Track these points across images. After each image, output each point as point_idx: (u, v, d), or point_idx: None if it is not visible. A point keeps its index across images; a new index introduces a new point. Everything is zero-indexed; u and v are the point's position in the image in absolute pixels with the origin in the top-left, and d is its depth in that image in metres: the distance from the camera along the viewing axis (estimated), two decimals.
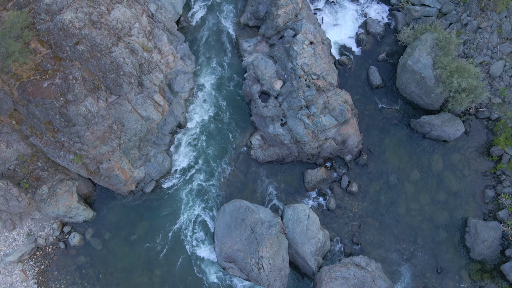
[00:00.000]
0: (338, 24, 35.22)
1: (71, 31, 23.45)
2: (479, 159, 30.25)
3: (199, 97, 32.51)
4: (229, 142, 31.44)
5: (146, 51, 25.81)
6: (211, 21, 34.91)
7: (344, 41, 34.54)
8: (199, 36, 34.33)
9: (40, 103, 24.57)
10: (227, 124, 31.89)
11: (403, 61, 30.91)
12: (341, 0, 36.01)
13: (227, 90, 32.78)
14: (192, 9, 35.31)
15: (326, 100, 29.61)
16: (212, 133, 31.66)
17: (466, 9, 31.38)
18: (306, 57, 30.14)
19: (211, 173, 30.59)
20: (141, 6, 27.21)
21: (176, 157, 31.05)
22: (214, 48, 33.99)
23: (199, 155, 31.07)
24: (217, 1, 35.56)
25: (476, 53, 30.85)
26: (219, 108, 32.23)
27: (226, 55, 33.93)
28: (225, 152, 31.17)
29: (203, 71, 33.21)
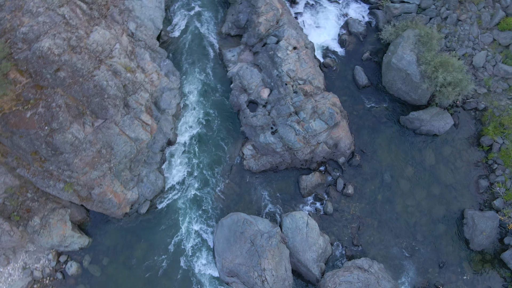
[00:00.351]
0: (320, 26, 35.21)
1: (50, 58, 22.90)
2: (470, 150, 30.50)
3: (187, 111, 32.13)
4: (221, 154, 31.12)
5: (129, 71, 25.36)
6: (192, 33, 34.58)
7: (327, 43, 34.53)
8: (181, 49, 33.97)
9: (24, 134, 23.93)
10: (217, 136, 31.57)
11: (387, 59, 31.02)
12: (320, 2, 36.04)
13: (214, 102, 32.47)
14: (172, 22, 34.96)
15: (315, 104, 29.51)
16: (203, 146, 31.31)
17: (445, 2, 31.63)
18: (291, 63, 30.03)
19: (206, 187, 30.23)
20: (120, 26, 26.75)
21: (168, 174, 30.62)
22: (197, 60, 33.65)
23: (192, 171, 30.68)
24: (196, 12, 35.26)
25: (458, 46, 31.12)
26: (208, 121, 31.90)
27: (210, 66, 33.61)
28: (218, 165, 30.84)
29: (189, 84, 32.84)
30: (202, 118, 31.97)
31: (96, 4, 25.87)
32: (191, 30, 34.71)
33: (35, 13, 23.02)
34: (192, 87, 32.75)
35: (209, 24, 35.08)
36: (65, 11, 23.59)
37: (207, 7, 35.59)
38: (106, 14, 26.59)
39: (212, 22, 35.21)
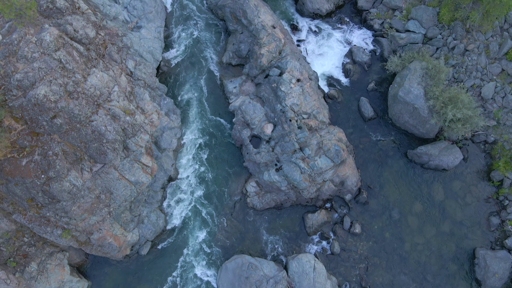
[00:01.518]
0: (323, 54, 34.38)
1: (46, 105, 21.99)
2: (480, 185, 29.64)
3: (188, 145, 31.25)
4: (223, 190, 30.22)
5: (129, 114, 24.47)
6: (192, 63, 33.74)
7: (331, 71, 33.70)
8: (181, 80, 33.12)
9: (20, 182, 23.00)
10: (220, 172, 30.67)
11: (394, 91, 30.17)
12: (323, 28, 35.22)
13: (216, 135, 31.60)
14: (172, 51, 34.10)
15: (320, 140, 28.64)
16: (205, 182, 30.41)
17: (452, 32, 30.81)
18: (294, 97, 29.18)
19: (209, 225, 29.31)
20: (118, 66, 25.87)
21: (170, 212, 29.69)
22: (198, 91, 32.80)
23: (194, 208, 29.77)
24: (196, 41, 34.41)
25: (466, 77, 30.28)
26: (209, 155, 31.02)
27: (212, 98, 32.74)
28: (220, 202, 29.93)
29: (190, 117, 31.97)
30: (203, 152, 31.08)
31: (93, 44, 25.00)
32: (191, 60, 33.86)
33: (30, 58, 22.13)
34: (193, 120, 31.89)
35: (210, 54, 34.23)
36: (61, 55, 22.69)
37: (207, 36, 34.76)
38: (104, 53, 25.71)
39: (212, 51, 34.37)
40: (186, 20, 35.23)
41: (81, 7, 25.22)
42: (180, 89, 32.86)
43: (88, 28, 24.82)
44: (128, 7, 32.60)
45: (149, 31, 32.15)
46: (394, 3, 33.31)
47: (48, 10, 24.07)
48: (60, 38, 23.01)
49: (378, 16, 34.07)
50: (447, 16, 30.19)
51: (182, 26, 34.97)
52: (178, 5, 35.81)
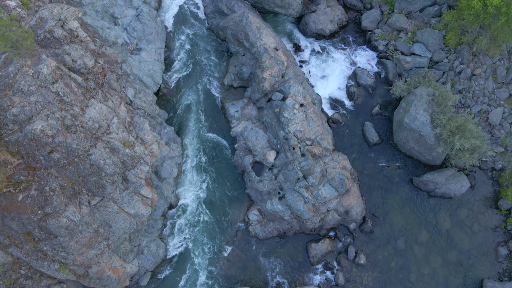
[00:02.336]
0: (327, 76, 33.75)
1: (43, 140, 21.34)
2: (487, 213, 28.99)
3: (189, 171, 30.60)
4: (225, 218, 29.56)
5: (128, 146, 23.82)
6: (193, 85, 33.12)
7: (335, 94, 33.06)
8: (182, 103, 32.50)
9: (16, 217, 22.37)
10: (221, 198, 30.03)
11: (399, 116, 29.53)
12: (327, 49, 34.59)
13: (217, 160, 30.95)
14: (172, 72, 33.48)
15: (324, 168, 28.00)
16: (206, 209, 29.75)
17: (458, 56, 30.18)
18: (298, 123, 28.53)
19: (210, 254, 28.64)
20: (118, 95, 25.23)
21: (170, 240, 29.02)
22: (199, 114, 32.17)
23: (195, 236, 29.11)
24: (197, 62, 33.80)
25: (473, 102, 29.64)
26: (211, 181, 30.37)
27: (213, 121, 32.11)
28: (222, 230, 29.27)
29: (190, 141, 31.33)
30: (204, 178, 30.44)
31: (92, 73, 24.36)
32: (192, 81, 33.25)
33: (26, 92, 21.48)
34: (194, 144, 31.25)
35: (211, 75, 33.61)
36: (59, 87, 22.05)
37: (208, 57, 34.13)
38: (103, 82, 25.08)
39: (213, 72, 33.74)
40: (187, 40, 34.62)
41: (79, 35, 24.59)
42: (181, 112, 32.22)
43: (87, 57, 24.18)
44: (128, 29, 32.00)
45: (149, 54, 31.54)
46: (399, 24, 32.68)
47: (45, 40, 23.45)
48: (57, 70, 22.37)
49: (383, 37, 33.45)
50: (453, 40, 29.57)
51: (182, 47, 34.36)
52: (178, 25, 35.21)
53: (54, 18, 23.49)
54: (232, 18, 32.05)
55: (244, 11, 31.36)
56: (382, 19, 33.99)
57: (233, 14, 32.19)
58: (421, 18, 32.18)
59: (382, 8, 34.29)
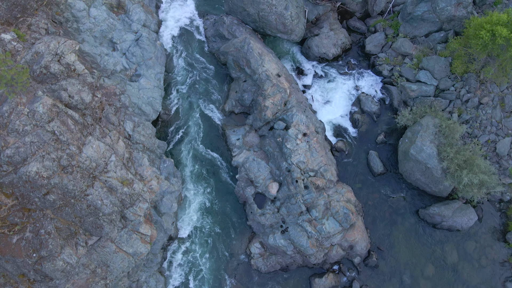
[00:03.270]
0: (330, 101, 33.05)
1: (38, 182, 20.62)
2: (495, 247, 28.24)
3: (189, 201, 29.87)
4: (226, 250, 28.82)
5: (126, 185, 23.11)
6: (194, 110, 32.45)
7: (338, 120, 32.34)
8: (182, 128, 31.81)
9: (11, 260, 21.63)
10: (223, 229, 29.29)
11: (405, 146, 28.81)
12: (330, 73, 33.91)
13: (218, 190, 30.22)
14: (172, 98, 32.81)
15: (328, 200, 27.28)
16: (207, 240, 29.02)
17: (465, 84, 29.47)
18: (301, 154, 27.84)
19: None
20: (116, 130, 24.51)
21: (170, 274, 28.27)
22: (199, 141, 31.46)
23: (196, 269, 28.37)
24: (198, 87, 33.14)
25: (480, 132, 28.90)
26: (211, 211, 29.65)
27: (214, 149, 31.40)
28: (223, 262, 28.54)
29: (191, 169, 30.62)
30: (205, 207, 29.71)
31: (89, 108, 23.66)
32: (192, 107, 32.57)
33: (21, 132, 20.78)
34: (194, 172, 30.54)
35: (212, 100, 32.92)
36: (55, 126, 21.33)
37: (209, 81, 33.45)
38: (101, 116, 24.37)
39: (214, 97, 33.06)
40: (187, 64, 33.96)
41: (77, 69, 23.89)
42: (180, 139, 31.53)
43: (84, 92, 23.47)
44: (127, 54, 31.32)
45: (149, 80, 30.85)
46: (403, 49, 31.99)
47: (41, 75, 22.75)
48: (53, 107, 21.66)
49: (387, 61, 32.76)
50: (460, 68, 28.87)
51: (183, 71, 33.71)
52: (178, 48, 34.56)
53: (51, 53, 22.80)
54: (233, 44, 31.37)
55: (246, 37, 30.68)
56: (386, 43, 33.32)
57: (235, 40, 31.51)
58: (426, 44, 31.50)
59: (387, 32, 33.61)
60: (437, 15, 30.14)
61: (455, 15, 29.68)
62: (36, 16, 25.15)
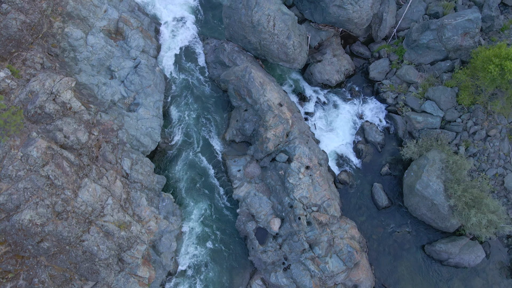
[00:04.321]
0: (333, 129, 32.30)
1: (32, 230, 19.90)
2: (503, 284, 27.44)
3: (188, 234, 29.08)
4: (227, 285, 28.01)
5: (124, 229, 22.35)
6: (193, 139, 31.69)
7: (342, 149, 31.58)
8: (181, 158, 31.04)
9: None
10: (223, 264, 28.49)
11: (410, 180, 28.02)
12: (333, 100, 33.16)
13: (218, 222, 29.44)
14: (171, 126, 32.06)
15: (331, 237, 26.51)
16: (207, 275, 28.21)
17: (472, 115, 28.71)
18: (303, 188, 27.08)
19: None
20: (113, 169, 23.76)
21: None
22: (198, 172, 30.71)
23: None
24: (197, 114, 32.40)
25: (488, 165, 28.14)
26: (212, 246, 28.84)
27: (214, 179, 30.63)
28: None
29: (190, 202, 29.85)
30: (205, 242, 28.92)
31: (86, 148, 22.91)
32: (192, 134, 31.82)
33: (14, 178, 20.06)
34: (193, 205, 29.76)
35: (212, 128, 32.17)
36: (50, 170, 20.60)
37: (209, 108, 32.71)
38: (98, 155, 23.63)
39: (214, 125, 32.31)
40: (187, 90, 33.23)
41: (73, 107, 23.16)
42: (179, 169, 30.76)
43: (80, 131, 22.73)
44: (125, 82, 30.59)
45: (148, 109, 30.12)
46: (408, 77, 31.24)
47: (36, 115, 22.02)
48: (48, 150, 20.94)
49: (392, 88, 32.02)
50: (467, 100, 28.12)
51: (182, 97, 32.97)
52: (178, 73, 33.84)
53: (46, 92, 22.07)
54: (234, 72, 30.64)
55: (247, 65, 29.94)
56: (390, 70, 32.58)
57: (235, 68, 30.78)
58: (432, 72, 30.75)
59: (391, 58, 32.87)
60: (443, 44, 29.40)
61: (461, 45, 28.94)
62: (31, 50, 24.44)
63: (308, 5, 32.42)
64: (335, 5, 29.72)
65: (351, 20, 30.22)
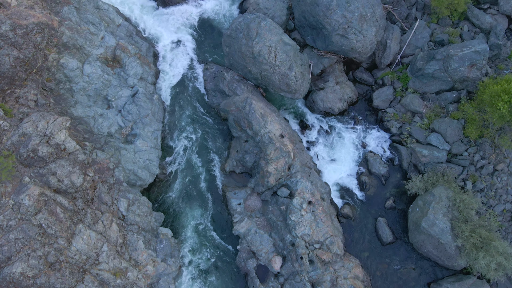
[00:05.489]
0: (336, 159, 31.49)
1: (23, 283, 19.08)
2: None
3: (187, 269, 28.26)
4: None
5: (120, 276, 21.55)
6: (192, 169, 30.88)
7: (345, 181, 30.76)
8: (179, 189, 30.23)
9: None
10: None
11: (416, 216, 27.20)
12: (335, 128, 32.36)
13: (218, 257, 28.58)
14: (169, 155, 31.26)
15: (334, 276, 25.70)
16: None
17: (479, 149, 27.91)
18: (306, 226, 26.32)
19: None
20: (109, 210, 22.94)
21: None
22: (197, 204, 29.89)
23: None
24: (196, 142, 31.60)
25: (495, 201, 27.33)
26: (211, 280, 28.02)
27: (213, 212, 29.80)
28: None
29: (188, 235, 29.02)
30: (204, 277, 28.08)
31: (80, 191, 22.10)
32: (191, 164, 31.02)
33: (5, 228, 19.27)
34: (192, 238, 28.92)
35: (211, 158, 31.37)
36: (42, 218, 19.81)
37: (208, 136, 31.93)
38: (93, 197, 22.83)
39: (214, 154, 31.51)
40: (186, 117, 32.45)
41: (67, 148, 22.37)
42: (178, 201, 29.95)
43: (75, 174, 21.92)
44: (123, 111, 29.84)
45: (145, 141, 29.31)
46: (413, 107, 30.46)
47: (28, 159, 21.23)
48: (41, 196, 20.14)
49: (396, 117, 31.23)
50: (474, 134, 27.33)
51: (181, 125, 32.19)
52: (177, 100, 33.07)
53: (39, 135, 21.29)
54: (234, 103, 29.87)
55: (247, 96, 29.18)
56: (395, 98, 31.79)
57: (236, 98, 30.00)
58: (437, 102, 29.97)
59: (395, 85, 32.08)
60: (449, 74, 28.63)
61: (468, 76, 28.17)
62: (25, 87, 23.66)
63: (310, 31, 31.63)
64: (338, 34, 28.94)
65: (355, 50, 29.45)
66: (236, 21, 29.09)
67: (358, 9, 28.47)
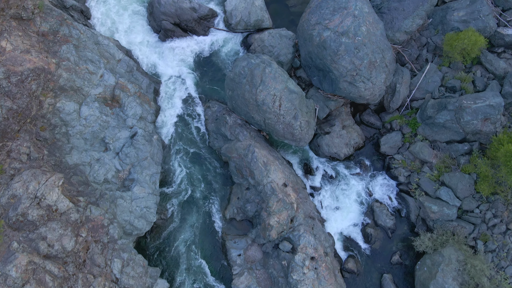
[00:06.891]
0: (340, 207, 30.29)
1: None
2: None
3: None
4: None
5: None
6: (191, 214, 29.77)
7: (349, 231, 29.56)
8: (177, 237, 29.12)
9: None
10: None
11: (423, 276, 25.98)
12: (341, 173, 31.18)
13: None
14: (168, 198, 30.17)
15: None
16: None
17: (491, 207, 26.67)
18: (308, 284, 25.15)
19: None
20: (102, 273, 21.82)
21: None
22: (196, 251, 28.77)
23: None
24: (196, 186, 30.50)
25: (507, 262, 26.08)
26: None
27: (212, 261, 28.68)
28: None
29: (186, 285, 27.93)
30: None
31: (72, 254, 21.01)
32: (190, 210, 29.92)
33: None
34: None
35: (211, 203, 30.24)
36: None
37: (209, 180, 30.82)
38: (85, 259, 21.73)
39: (214, 199, 30.37)
40: (185, 158, 31.36)
41: (59, 208, 21.28)
42: (175, 249, 28.83)
43: (66, 237, 20.84)
44: (120, 154, 28.74)
45: (143, 187, 28.19)
46: (422, 155, 29.25)
47: (18, 222, 20.15)
48: (29, 265, 19.06)
49: (404, 164, 30.03)
50: (486, 190, 26.10)
51: (180, 167, 31.09)
52: (177, 140, 31.99)
53: (29, 197, 20.22)
54: (236, 149, 28.75)
55: (250, 143, 28.07)
56: (403, 145, 30.59)
57: (238, 144, 28.88)
58: (448, 152, 28.75)
59: (404, 130, 30.89)
60: (461, 126, 27.43)
61: (481, 130, 26.96)
62: (17, 139, 22.62)
63: (317, 72, 30.49)
64: (346, 81, 27.79)
65: (363, 97, 28.30)
66: (240, 65, 27.98)
67: (367, 55, 27.30)
